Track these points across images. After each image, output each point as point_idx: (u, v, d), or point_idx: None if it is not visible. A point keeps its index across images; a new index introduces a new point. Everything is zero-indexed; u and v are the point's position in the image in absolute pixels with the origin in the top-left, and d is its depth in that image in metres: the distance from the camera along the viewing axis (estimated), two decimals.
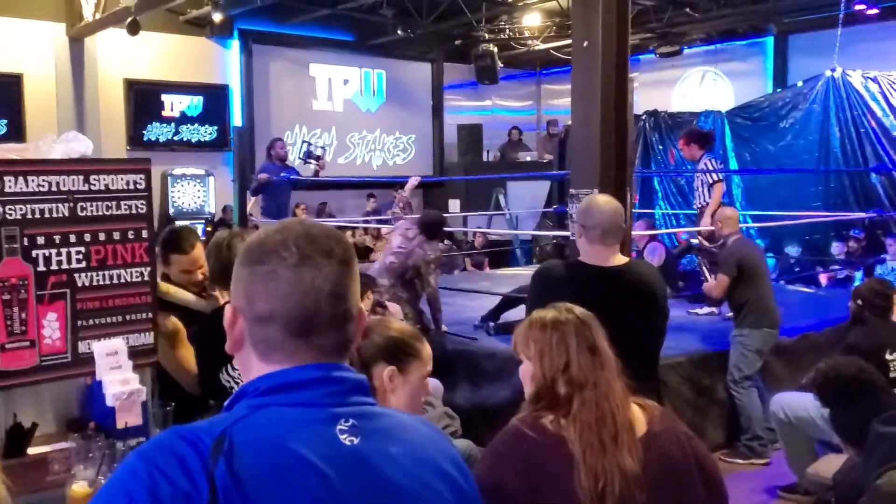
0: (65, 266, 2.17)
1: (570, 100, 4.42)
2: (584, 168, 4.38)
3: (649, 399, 1.90)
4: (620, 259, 3.12)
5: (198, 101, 11.82)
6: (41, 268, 2.14)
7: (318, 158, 7.76)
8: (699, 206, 7.06)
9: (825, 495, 3.99)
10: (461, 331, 5.92)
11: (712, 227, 6.22)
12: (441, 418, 4.55)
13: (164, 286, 2.96)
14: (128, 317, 2.29)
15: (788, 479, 4.58)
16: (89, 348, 2.22)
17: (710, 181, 6.93)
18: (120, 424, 2.17)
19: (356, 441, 1.02)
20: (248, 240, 1.13)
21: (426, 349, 1.94)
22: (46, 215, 2.13)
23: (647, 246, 7.67)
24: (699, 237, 6.38)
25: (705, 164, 6.97)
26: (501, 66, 12.97)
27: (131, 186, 2.27)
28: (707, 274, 5.67)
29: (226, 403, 1.08)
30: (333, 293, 1.07)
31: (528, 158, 13.72)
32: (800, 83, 10.57)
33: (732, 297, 5.22)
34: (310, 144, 7.74)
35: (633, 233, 5.59)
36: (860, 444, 2.95)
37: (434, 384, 4.95)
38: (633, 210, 5.76)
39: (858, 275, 8.45)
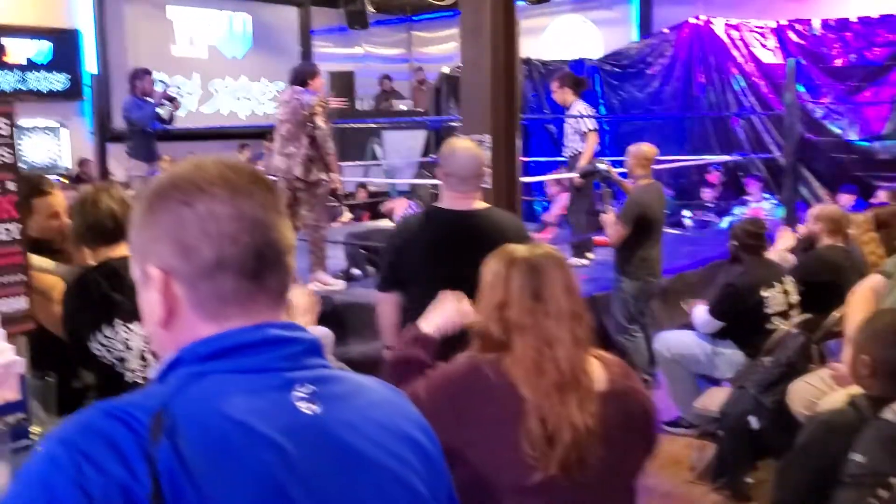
0: None
1: (459, 41, 4.30)
2: (473, 112, 4.29)
3: None
4: (478, 205, 3.11)
5: (46, 46, 10.86)
6: None
7: (172, 100, 7.22)
8: (570, 155, 6.80)
9: (708, 427, 4.17)
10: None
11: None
12: None
13: None
14: None
15: (672, 415, 4.74)
16: None
17: (584, 129, 6.64)
18: None
19: (317, 409, 0.89)
20: (153, 187, 0.94)
21: None
22: None
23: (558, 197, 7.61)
24: (607, 165, 6.12)
25: (578, 111, 6.70)
26: (372, 10, 12.61)
27: None
28: (607, 204, 5.50)
29: (156, 373, 0.91)
30: (275, 223, 0.93)
31: (403, 107, 13.52)
32: (665, 30, 10.85)
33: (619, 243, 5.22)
34: (166, 85, 7.20)
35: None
36: None
37: (325, 332, 4.80)
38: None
39: (726, 220, 8.86)
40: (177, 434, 0.79)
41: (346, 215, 6.41)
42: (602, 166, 6.00)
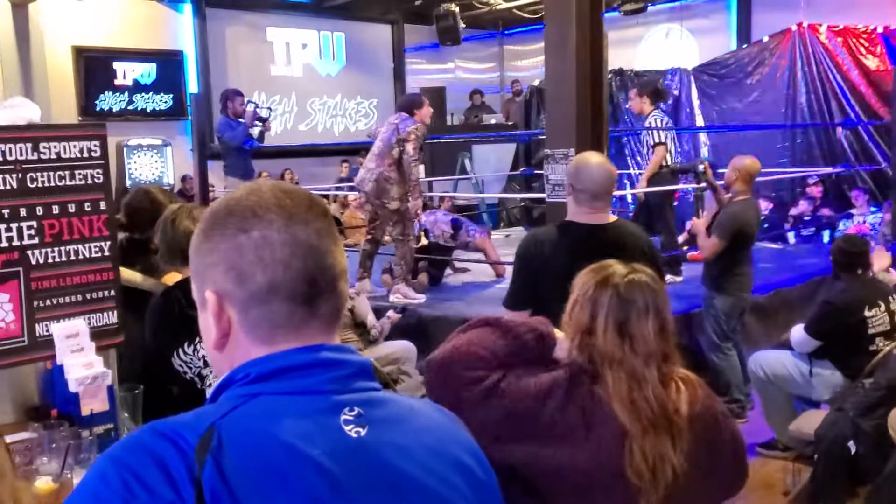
0: (16, 243, 2.00)
1: (544, 55, 4.28)
2: (558, 126, 4.26)
3: None
4: (609, 218, 3.09)
5: (151, 68, 11.42)
6: None
7: (263, 120, 7.44)
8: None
9: (804, 450, 3.99)
10: (431, 297, 5.89)
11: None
12: (418, 388, 4.45)
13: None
14: (88, 295, 2.13)
15: (766, 436, 4.57)
16: (47, 331, 2.06)
17: (653, 141, 6.47)
18: (85, 411, 2.02)
19: (363, 432, 0.89)
20: (211, 212, 0.96)
21: None
22: None
23: None
24: (706, 165, 5.91)
25: (651, 122, 6.53)
26: (463, 26, 12.70)
27: (85, 154, 2.09)
28: (701, 211, 5.31)
29: (209, 394, 0.94)
30: (329, 249, 0.94)
31: (493, 121, 13.55)
32: (766, 38, 10.51)
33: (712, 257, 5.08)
34: (256, 105, 7.42)
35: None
36: None
37: (407, 346, 4.84)
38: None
39: (827, 233, 8.51)
40: (222, 454, 0.81)
41: (424, 240, 6.52)
42: (701, 167, 5.79)
